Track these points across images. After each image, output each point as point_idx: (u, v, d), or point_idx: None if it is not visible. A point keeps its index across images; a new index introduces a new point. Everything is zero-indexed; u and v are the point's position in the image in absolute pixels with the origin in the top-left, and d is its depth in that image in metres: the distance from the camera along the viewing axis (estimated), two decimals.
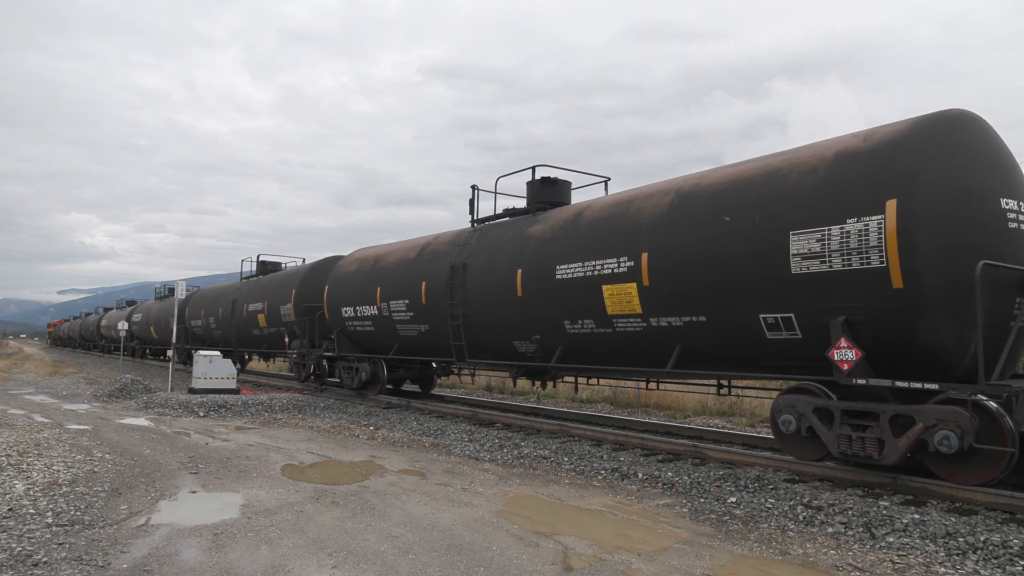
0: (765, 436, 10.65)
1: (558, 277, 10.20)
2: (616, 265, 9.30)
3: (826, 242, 7.03)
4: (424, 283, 13.33)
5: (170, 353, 19.41)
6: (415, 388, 17.99)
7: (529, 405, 15.63)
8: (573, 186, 12.81)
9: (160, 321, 32.72)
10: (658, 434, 10.72)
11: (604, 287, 9.44)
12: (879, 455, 6.88)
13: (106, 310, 53.38)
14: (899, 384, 6.69)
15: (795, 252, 7.27)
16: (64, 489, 6.98)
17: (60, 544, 5.28)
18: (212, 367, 17.56)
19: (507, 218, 12.77)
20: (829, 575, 4.98)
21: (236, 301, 23.72)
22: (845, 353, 6.94)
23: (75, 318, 75.04)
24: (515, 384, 13.82)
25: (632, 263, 9.07)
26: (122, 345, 35.18)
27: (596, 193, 13.23)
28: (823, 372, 7.36)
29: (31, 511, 6.10)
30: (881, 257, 6.61)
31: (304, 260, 22.98)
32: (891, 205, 6.57)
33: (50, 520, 5.88)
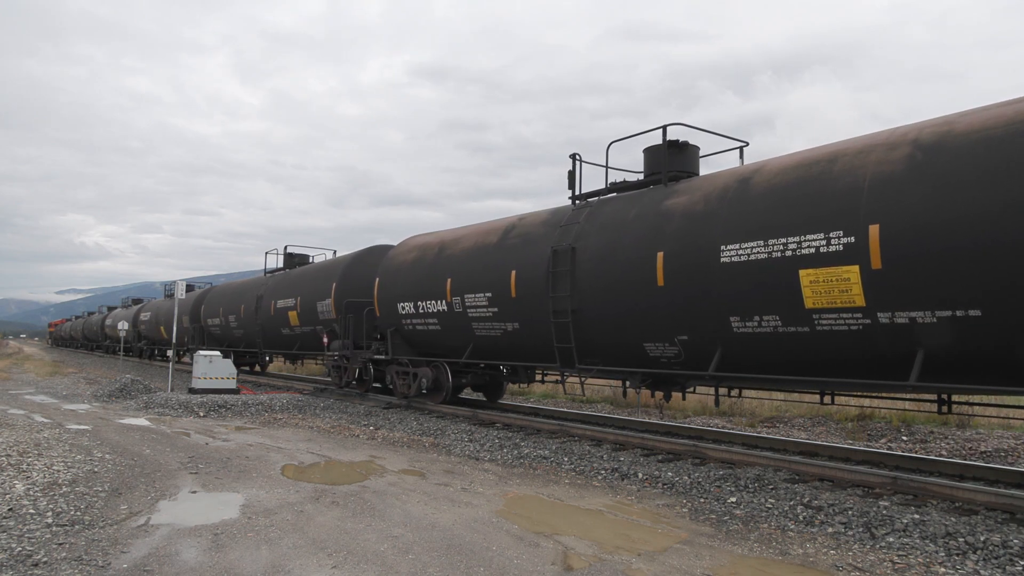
0: (765, 436, 10.67)
1: (723, 260, 8.20)
2: (823, 243, 7.26)
3: None
4: (513, 272, 11.30)
5: (170, 353, 19.37)
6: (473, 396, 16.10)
7: (529, 405, 15.60)
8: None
9: (172, 320, 32.25)
10: (658, 434, 10.71)
11: (802, 272, 7.44)
12: None
13: (110, 309, 51.82)
14: None
15: None
16: (64, 489, 6.98)
17: (60, 544, 5.29)
18: (212, 367, 17.58)
19: (617, 192, 10.93)
20: (829, 575, 4.98)
21: (261, 297, 21.45)
22: None
23: (77, 317, 74.72)
24: (625, 395, 11.64)
25: (851, 239, 7.02)
26: (122, 345, 35.11)
27: (726, 163, 10.84)
28: None
29: (31, 511, 6.10)
30: None
31: (336, 252, 20.80)
32: None
33: (50, 520, 5.89)
